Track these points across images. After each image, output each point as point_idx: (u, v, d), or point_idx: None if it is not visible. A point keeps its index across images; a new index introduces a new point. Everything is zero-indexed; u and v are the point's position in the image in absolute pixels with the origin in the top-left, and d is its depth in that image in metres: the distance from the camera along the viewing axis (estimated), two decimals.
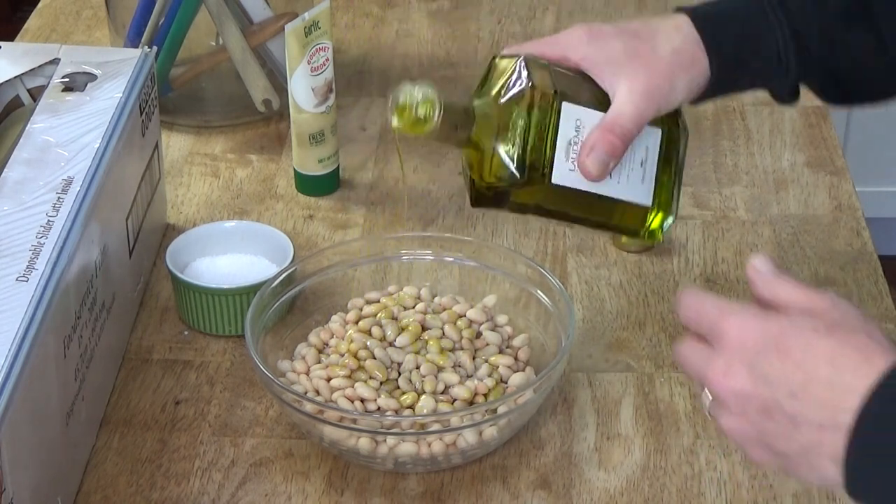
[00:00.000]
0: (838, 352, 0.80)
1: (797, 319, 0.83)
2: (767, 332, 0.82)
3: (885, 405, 0.77)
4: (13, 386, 0.90)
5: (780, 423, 0.81)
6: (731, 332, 0.84)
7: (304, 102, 1.31)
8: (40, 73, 1.22)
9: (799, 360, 0.81)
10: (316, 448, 1.08)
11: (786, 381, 0.81)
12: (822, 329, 0.82)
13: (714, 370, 0.84)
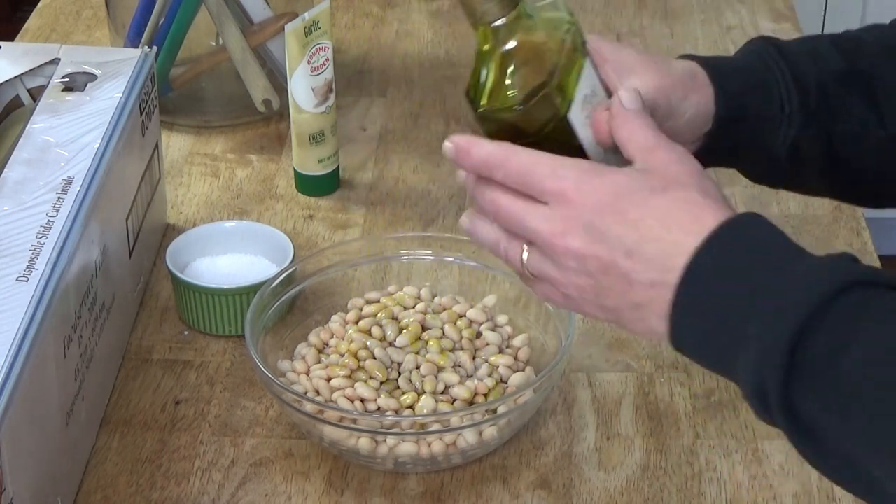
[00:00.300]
0: (671, 211, 0.82)
1: (634, 176, 0.84)
2: (604, 192, 0.84)
3: (706, 262, 0.80)
4: (13, 386, 0.90)
5: (615, 280, 0.84)
6: (568, 192, 0.84)
7: (304, 102, 1.31)
8: (40, 73, 1.22)
9: (634, 220, 0.83)
10: (316, 448, 1.08)
11: (621, 241, 0.83)
12: (657, 188, 0.83)
13: (549, 229, 0.85)
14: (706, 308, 0.81)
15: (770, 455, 1.07)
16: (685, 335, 0.82)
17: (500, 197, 0.87)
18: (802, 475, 1.05)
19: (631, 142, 0.87)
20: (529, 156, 0.86)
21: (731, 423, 1.10)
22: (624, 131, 0.87)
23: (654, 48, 1.60)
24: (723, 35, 1.62)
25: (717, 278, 0.80)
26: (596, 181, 0.84)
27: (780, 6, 1.68)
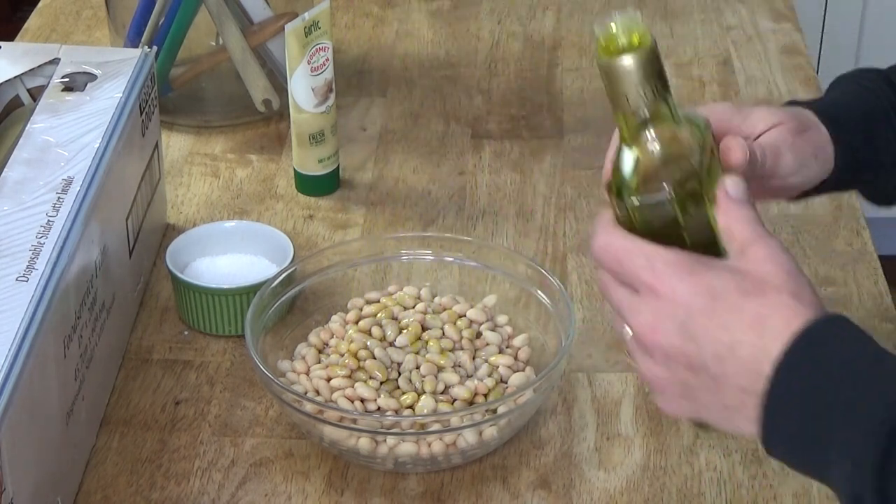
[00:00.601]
0: (764, 315, 0.81)
1: (727, 277, 0.83)
2: (698, 292, 0.83)
3: (795, 369, 0.80)
4: (13, 386, 0.90)
5: (704, 381, 0.83)
6: (662, 288, 0.84)
7: (304, 102, 1.31)
8: (40, 73, 1.22)
9: (725, 322, 0.82)
10: (316, 448, 1.08)
11: (712, 343, 0.82)
12: (751, 290, 0.82)
13: (642, 321, 0.85)
14: (796, 416, 0.80)
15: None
16: (776, 441, 0.82)
17: (605, 279, 0.88)
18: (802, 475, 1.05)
19: (729, 232, 0.86)
20: (628, 242, 0.86)
21: None
22: (724, 220, 0.86)
23: None
24: (723, 35, 1.63)
25: (806, 386, 0.80)
26: (691, 279, 0.84)
27: (780, 6, 1.68)
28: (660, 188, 0.86)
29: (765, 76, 1.54)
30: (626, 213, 0.87)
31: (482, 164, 1.41)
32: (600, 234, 0.87)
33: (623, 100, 0.85)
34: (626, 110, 0.86)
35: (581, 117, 1.48)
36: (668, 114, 0.86)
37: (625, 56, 0.84)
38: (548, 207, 1.34)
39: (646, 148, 0.86)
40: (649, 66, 0.85)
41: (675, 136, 0.86)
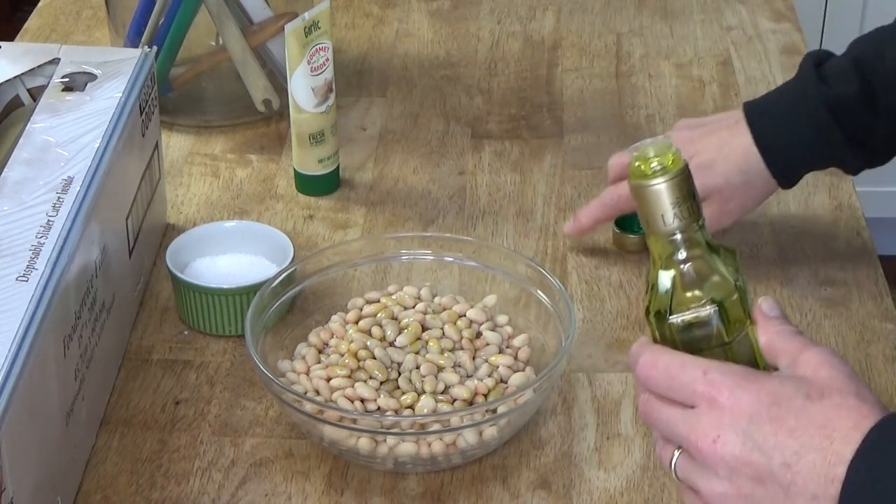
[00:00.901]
0: (831, 418, 0.80)
1: (788, 383, 0.82)
2: (760, 399, 0.81)
3: (866, 472, 0.78)
4: (13, 386, 0.90)
5: (771, 491, 0.80)
6: (721, 397, 0.82)
7: (304, 102, 1.31)
8: (40, 73, 1.22)
9: (792, 428, 0.80)
10: (316, 448, 1.08)
11: (779, 450, 0.80)
12: (814, 394, 0.81)
13: (701, 434, 0.82)
14: None
15: None
16: None
17: (652, 401, 0.86)
18: None
19: (774, 347, 0.85)
20: (677, 357, 0.85)
21: None
22: (766, 337, 0.86)
23: (653, 48, 1.60)
24: (723, 35, 1.63)
25: (882, 487, 0.77)
26: (751, 386, 0.82)
27: (780, 6, 1.68)
28: (701, 308, 0.86)
29: (765, 76, 1.54)
30: (668, 333, 0.87)
31: (482, 164, 1.41)
32: (646, 354, 0.86)
33: (659, 222, 0.86)
34: (662, 232, 0.86)
35: (581, 117, 1.48)
36: (701, 235, 0.87)
37: (660, 178, 0.85)
38: (548, 207, 1.34)
39: (686, 269, 0.87)
40: (685, 187, 0.86)
41: (712, 255, 0.87)
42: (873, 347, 1.17)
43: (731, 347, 0.86)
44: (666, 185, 0.85)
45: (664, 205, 0.86)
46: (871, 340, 1.18)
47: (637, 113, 1.49)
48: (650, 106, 1.50)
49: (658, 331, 0.87)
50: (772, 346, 0.85)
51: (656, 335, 0.88)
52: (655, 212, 0.86)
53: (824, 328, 1.19)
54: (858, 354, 1.16)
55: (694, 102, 1.50)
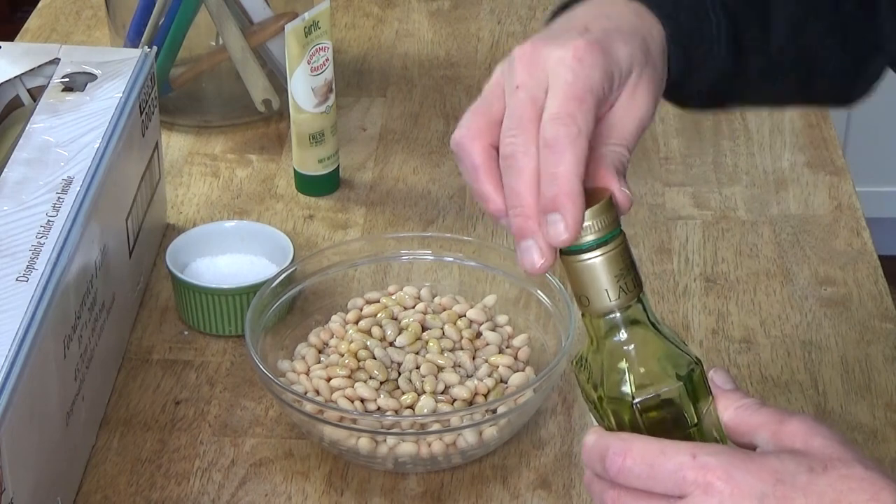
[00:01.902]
0: (842, 492, 0.73)
1: (786, 458, 0.74)
2: (762, 479, 0.73)
3: None
4: (13, 386, 0.90)
5: None
6: (718, 482, 0.73)
7: (304, 102, 1.31)
8: (40, 73, 1.22)
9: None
10: (316, 448, 1.08)
11: None
12: (816, 467, 0.73)
13: None
14: None
15: None
16: None
17: (623, 498, 0.75)
18: None
19: (745, 423, 0.77)
20: (654, 443, 0.75)
21: None
22: (730, 413, 0.77)
23: None
24: None
25: None
26: (749, 466, 0.73)
27: None
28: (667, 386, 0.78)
29: None
30: (629, 418, 0.78)
31: None
32: (614, 443, 0.75)
33: (603, 298, 0.77)
34: (607, 308, 0.77)
35: None
36: (647, 305, 0.78)
37: (601, 249, 0.76)
38: None
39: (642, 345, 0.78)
40: (627, 254, 0.77)
41: (662, 326, 0.79)
42: (873, 347, 1.17)
43: (701, 426, 0.78)
44: (608, 256, 0.76)
45: (608, 279, 0.76)
46: (871, 340, 1.18)
47: None
48: None
49: (615, 417, 0.78)
50: (741, 421, 0.77)
51: (611, 422, 0.78)
52: (598, 288, 0.77)
53: (824, 328, 1.19)
54: (858, 354, 1.16)
55: None
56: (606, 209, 0.76)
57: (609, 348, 0.78)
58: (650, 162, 1.41)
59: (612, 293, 0.77)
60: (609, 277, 0.76)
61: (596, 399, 0.78)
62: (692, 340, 1.18)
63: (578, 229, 0.76)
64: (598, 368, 0.78)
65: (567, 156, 0.76)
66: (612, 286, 0.77)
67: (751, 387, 1.13)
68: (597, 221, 0.76)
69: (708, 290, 1.23)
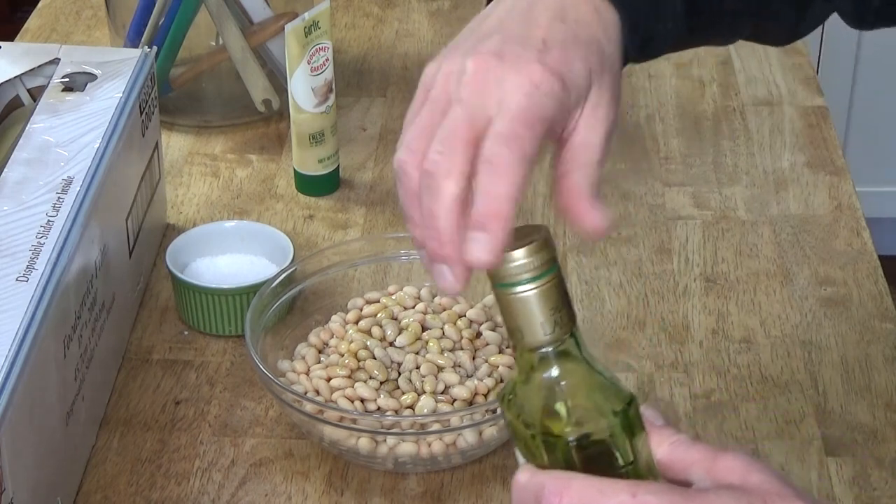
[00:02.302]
0: None
1: (724, 494, 0.70)
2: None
3: None
4: (13, 386, 0.90)
5: None
6: None
7: (304, 102, 1.31)
8: (40, 73, 1.22)
9: None
10: (316, 448, 1.08)
11: None
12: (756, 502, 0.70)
13: None
14: None
15: (770, 455, 1.07)
16: None
17: None
18: (802, 475, 1.05)
19: (680, 460, 0.74)
20: (592, 482, 0.71)
21: (731, 423, 1.10)
22: (663, 449, 0.74)
23: None
24: None
25: None
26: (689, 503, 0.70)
27: None
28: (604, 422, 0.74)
29: (765, 76, 1.54)
30: (564, 456, 0.74)
31: None
32: (549, 482, 0.71)
33: (537, 333, 0.74)
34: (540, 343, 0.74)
35: None
36: (580, 339, 0.76)
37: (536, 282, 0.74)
38: (548, 207, 1.34)
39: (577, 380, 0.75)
40: (562, 286, 0.75)
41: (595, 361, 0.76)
42: (873, 347, 1.17)
43: (636, 463, 0.75)
44: (543, 290, 0.74)
45: (542, 313, 0.74)
46: (871, 340, 1.18)
47: (637, 113, 1.49)
48: (650, 106, 1.50)
49: (549, 455, 0.74)
50: (676, 458, 0.74)
51: (544, 460, 0.74)
52: (532, 322, 0.74)
53: (824, 328, 1.19)
54: (858, 354, 1.16)
55: (694, 102, 1.50)
56: (544, 246, 0.74)
57: (543, 384, 0.75)
58: (650, 162, 1.41)
59: (546, 328, 0.74)
60: (543, 312, 0.74)
61: (528, 436, 0.75)
62: (692, 340, 1.18)
63: (499, 255, 0.73)
64: (531, 405, 0.75)
65: (507, 178, 0.74)
66: (547, 320, 0.74)
67: (751, 387, 1.13)
68: (534, 259, 0.73)
69: (708, 290, 1.23)
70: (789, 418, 1.10)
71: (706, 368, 1.15)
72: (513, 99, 0.75)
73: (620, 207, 1.34)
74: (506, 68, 0.76)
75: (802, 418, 1.10)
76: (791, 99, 1.51)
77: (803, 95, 1.51)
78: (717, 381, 1.14)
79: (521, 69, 0.76)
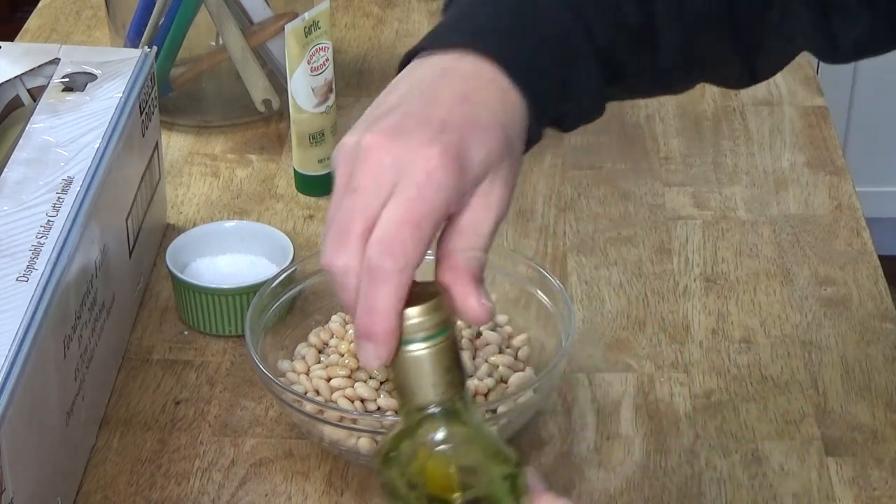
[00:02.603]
0: None
1: None
2: None
3: None
4: (13, 386, 0.90)
5: None
6: None
7: (304, 102, 1.31)
8: (40, 73, 1.22)
9: None
10: (316, 448, 1.08)
11: None
12: None
13: None
14: None
15: (770, 455, 1.07)
16: None
17: None
18: (802, 475, 1.05)
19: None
20: None
21: (731, 423, 1.10)
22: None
23: None
24: None
25: None
26: None
27: None
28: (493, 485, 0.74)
29: None
30: None
31: None
32: None
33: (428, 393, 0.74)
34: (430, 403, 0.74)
35: None
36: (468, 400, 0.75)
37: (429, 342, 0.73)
38: (548, 207, 1.34)
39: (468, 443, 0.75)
40: (455, 348, 0.74)
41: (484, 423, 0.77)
42: (873, 347, 1.17)
43: None
44: (435, 351, 0.73)
45: (433, 374, 0.73)
46: (871, 340, 1.18)
47: (637, 113, 1.49)
48: (650, 106, 1.50)
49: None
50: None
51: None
52: (422, 382, 0.73)
53: (824, 328, 1.19)
54: (858, 354, 1.16)
55: (693, 102, 1.50)
56: (437, 307, 0.73)
57: (430, 445, 0.74)
58: (650, 162, 1.41)
59: (437, 388, 0.74)
60: (435, 372, 0.73)
61: (412, 498, 0.74)
62: (692, 341, 1.18)
63: (389, 358, 0.73)
64: (416, 465, 0.74)
65: (386, 289, 0.73)
66: (439, 381, 0.73)
67: (751, 387, 1.13)
68: (428, 319, 0.73)
69: (708, 290, 1.23)
70: (789, 418, 1.10)
71: (706, 368, 1.15)
72: (404, 188, 0.73)
73: (620, 207, 1.34)
74: (401, 150, 0.74)
75: (802, 418, 1.10)
76: (791, 99, 1.51)
77: (803, 95, 1.51)
78: (717, 381, 1.14)
79: (416, 152, 0.74)
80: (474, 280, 0.75)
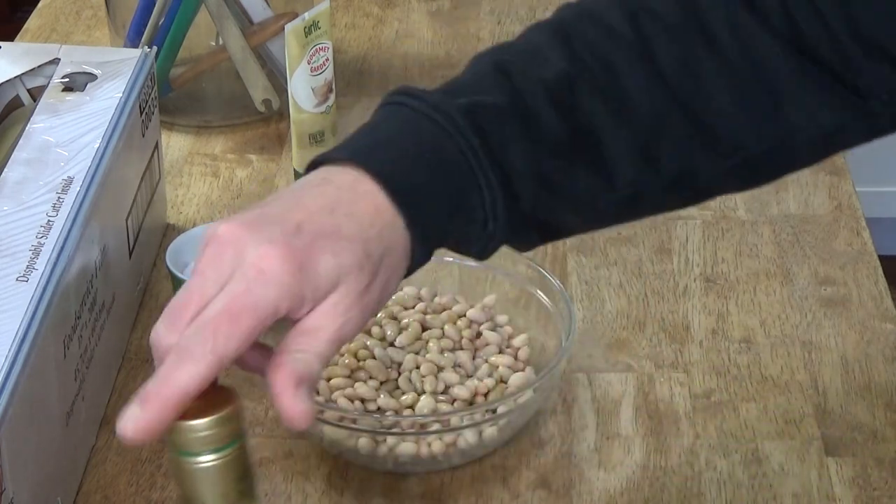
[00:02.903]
0: None
1: None
2: None
3: None
4: (13, 386, 0.90)
5: None
6: None
7: (304, 102, 1.31)
8: (40, 73, 1.22)
9: None
10: (316, 448, 1.08)
11: None
12: None
13: None
14: None
15: (770, 455, 1.07)
16: None
17: None
18: (802, 475, 1.05)
19: None
20: None
21: (731, 422, 1.10)
22: None
23: None
24: None
25: None
26: None
27: None
28: None
29: None
30: None
31: None
32: None
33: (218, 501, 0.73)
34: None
35: None
36: None
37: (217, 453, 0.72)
38: None
39: None
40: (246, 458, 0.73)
41: None
42: (873, 347, 1.17)
43: None
44: (224, 463, 0.72)
45: (223, 484, 0.72)
46: (871, 340, 1.18)
47: None
48: None
49: None
50: None
51: None
52: (210, 493, 0.73)
53: (824, 328, 1.19)
54: (858, 354, 1.16)
55: None
56: (229, 419, 0.73)
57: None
58: None
59: (227, 499, 0.73)
60: (224, 483, 0.73)
61: None
62: (692, 340, 1.18)
63: (139, 439, 0.72)
64: None
65: (186, 368, 0.74)
66: (229, 492, 0.73)
67: (751, 387, 1.13)
68: (218, 431, 0.72)
69: (708, 290, 1.23)
70: (789, 418, 1.10)
71: (706, 368, 1.15)
72: (235, 280, 0.74)
73: None
74: (246, 244, 0.75)
75: (802, 418, 1.10)
76: None
77: None
78: (717, 381, 1.14)
79: (258, 248, 0.74)
80: (296, 382, 0.74)
